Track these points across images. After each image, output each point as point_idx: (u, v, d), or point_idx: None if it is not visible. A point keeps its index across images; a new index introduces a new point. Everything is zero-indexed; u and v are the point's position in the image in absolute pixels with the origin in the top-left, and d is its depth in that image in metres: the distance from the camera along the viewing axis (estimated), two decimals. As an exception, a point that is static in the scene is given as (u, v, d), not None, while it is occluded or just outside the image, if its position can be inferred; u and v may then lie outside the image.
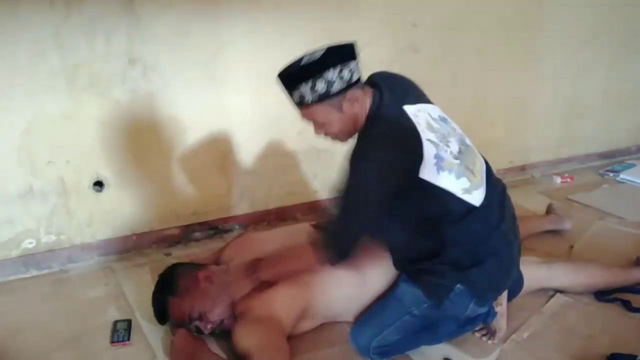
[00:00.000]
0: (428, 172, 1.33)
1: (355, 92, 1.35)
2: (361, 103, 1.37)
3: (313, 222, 1.83)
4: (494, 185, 1.50)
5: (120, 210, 2.10)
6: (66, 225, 2.03)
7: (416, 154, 1.33)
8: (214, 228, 2.31)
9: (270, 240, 1.77)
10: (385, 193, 1.34)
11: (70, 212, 2.02)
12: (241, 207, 2.35)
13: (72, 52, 1.84)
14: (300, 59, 1.34)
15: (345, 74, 1.32)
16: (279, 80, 1.37)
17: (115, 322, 1.68)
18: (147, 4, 1.89)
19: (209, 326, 1.53)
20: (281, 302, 1.53)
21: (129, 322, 1.68)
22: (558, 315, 1.72)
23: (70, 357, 1.56)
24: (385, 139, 1.34)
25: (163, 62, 1.99)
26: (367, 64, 2.35)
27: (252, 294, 1.57)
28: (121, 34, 1.89)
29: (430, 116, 1.43)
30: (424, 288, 1.45)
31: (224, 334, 1.56)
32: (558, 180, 2.98)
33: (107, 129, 1.98)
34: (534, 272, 1.75)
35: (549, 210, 2.34)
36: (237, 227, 2.35)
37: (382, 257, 1.62)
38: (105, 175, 2.04)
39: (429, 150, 1.34)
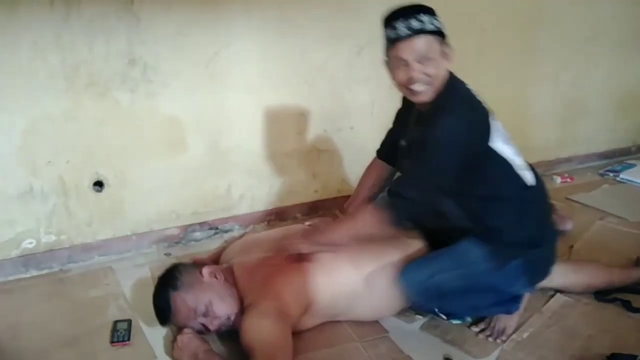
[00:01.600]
0: (496, 142, 1.45)
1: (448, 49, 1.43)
2: (448, 65, 1.44)
3: (308, 222, 1.83)
4: (536, 174, 1.59)
5: (120, 210, 2.10)
6: (66, 225, 2.03)
7: (488, 123, 1.46)
8: (214, 228, 2.31)
9: (270, 240, 1.76)
10: (465, 148, 1.41)
11: (70, 212, 2.02)
12: (241, 207, 2.35)
13: (72, 52, 1.84)
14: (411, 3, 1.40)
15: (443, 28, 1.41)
16: (393, 14, 1.42)
17: (115, 322, 1.68)
18: (147, 4, 1.89)
19: (216, 322, 1.51)
20: (289, 294, 1.51)
21: (129, 322, 1.68)
22: (558, 315, 1.72)
23: (70, 357, 1.55)
24: (466, 102, 1.46)
25: (163, 62, 1.99)
26: (367, 64, 2.38)
27: (259, 287, 1.54)
28: (121, 34, 1.89)
29: None
30: (490, 249, 1.49)
31: (228, 334, 1.55)
32: (558, 180, 2.98)
33: (107, 129, 1.98)
34: None
35: (549, 210, 2.34)
36: (237, 227, 2.35)
37: (383, 255, 1.62)
38: (105, 175, 2.04)
39: (495, 123, 1.47)
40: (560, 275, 1.78)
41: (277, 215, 2.43)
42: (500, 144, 1.47)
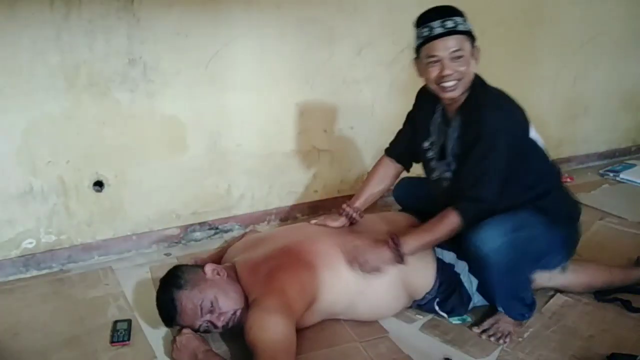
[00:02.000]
0: (533, 133, 1.58)
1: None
2: (475, 66, 1.53)
3: (314, 221, 1.83)
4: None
5: (120, 210, 2.10)
6: (66, 225, 2.03)
7: (525, 114, 1.57)
8: (214, 228, 2.31)
9: (273, 239, 1.75)
10: (513, 139, 1.50)
11: (70, 212, 2.02)
12: (241, 207, 2.35)
13: (72, 52, 1.84)
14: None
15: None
16: (428, 13, 1.51)
17: (115, 322, 1.68)
18: (147, 4, 1.89)
19: (222, 318, 1.49)
20: (294, 289, 1.50)
21: (129, 322, 1.68)
22: (558, 315, 1.72)
23: (70, 357, 1.55)
24: (505, 97, 1.55)
25: (163, 62, 1.99)
26: (367, 64, 2.38)
27: (264, 282, 1.52)
28: (121, 34, 1.89)
29: None
30: (546, 219, 1.56)
31: (230, 333, 1.54)
32: (558, 180, 2.98)
33: (107, 129, 1.98)
34: None
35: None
36: (237, 227, 2.35)
37: (382, 253, 1.62)
38: (105, 175, 2.04)
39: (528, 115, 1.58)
40: (559, 274, 1.79)
41: (277, 215, 2.43)
42: (534, 133, 1.59)
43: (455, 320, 1.70)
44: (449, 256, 1.67)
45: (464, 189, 1.53)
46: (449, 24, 1.47)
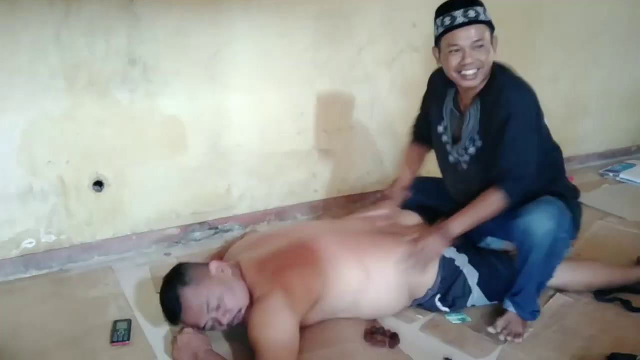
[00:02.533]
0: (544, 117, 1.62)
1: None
2: (494, 53, 1.56)
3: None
4: None
5: (120, 210, 2.10)
6: (66, 225, 2.03)
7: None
8: (214, 228, 2.31)
9: (277, 238, 1.74)
10: (539, 118, 1.56)
11: (70, 212, 2.02)
12: (241, 207, 2.35)
13: (72, 52, 1.84)
14: None
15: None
16: (451, 3, 1.53)
17: (115, 322, 1.67)
18: (147, 4, 1.89)
19: (228, 315, 1.48)
20: (299, 287, 1.50)
21: (129, 322, 1.67)
22: (558, 315, 1.72)
23: (70, 357, 1.55)
24: (521, 79, 1.59)
25: (163, 62, 1.99)
26: (367, 64, 2.38)
27: (269, 279, 1.52)
28: (121, 34, 1.89)
29: None
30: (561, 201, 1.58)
31: (233, 332, 1.54)
32: (558, 180, 2.98)
33: (107, 129, 1.98)
34: None
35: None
36: (237, 227, 2.35)
37: (386, 251, 1.63)
38: (105, 175, 2.03)
39: None
40: (562, 274, 1.78)
41: (277, 215, 2.43)
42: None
43: (455, 321, 1.70)
44: (449, 251, 1.68)
45: (506, 169, 1.54)
46: (472, 13, 1.50)
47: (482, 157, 1.61)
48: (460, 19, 1.50)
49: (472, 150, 1.62)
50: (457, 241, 1.63)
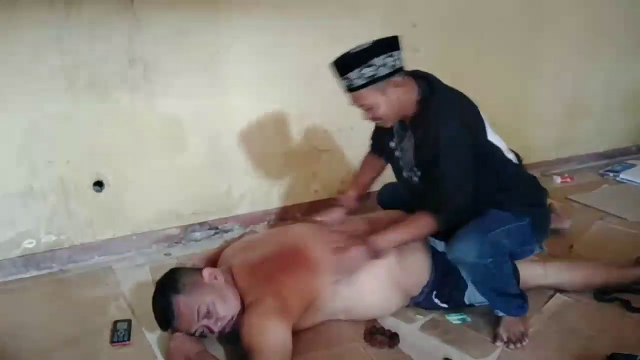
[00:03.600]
0: (490, 134, 1.59)
1: (398, 78, 1.50)
2: (407, 88, 1.53)
3: (314, 219, 1.84)
4: (517, 154, 1.73)
5: (120, 210, 2.10)
6: (66, 225, 2.03)
7: (481, 117, 1.59)
8: (214, 228, 2.31)
9: (268, 241, 1.74)
10: (472, 147, 1.51)
11: (70, 212, 2.02)
12: (241, 207, 2.35)
13: (72, 52, 1.84)
14: (351, 50, 1.50)
15: (390, 61, 1.46)
16: (333, 67, 1.52)
17: (115, 322, 1.68)
18: (147, 5, 1.90)
19: (219, 323, 1.49)
20: (291, 292, 1.50)
21: (129, 322, 1.68)
22: (558, 315, 1.72)
23: (70, 357, 1.56)
24: (453, 103, 1.56)
25: (163, 62, 1.99)
26: (367, 64, 2.37)
27: (261, 284, 1.52)
28: (121, 34, 1.89)
29: None
30: (511, 213, 1.60)
31: (227, 335, 1.54)
32: (558, 180, 2.98)
33: (107, 129, 1.98)
34: (529, 269, 1.76)
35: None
36: (237, 227, 2.35)
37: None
38: (105, 175, 2.04)
39: (483, 115, 1.60)
40: (559, 273, 1.79)
41: (277, 215, 2.43)
42: (492, 135, 1.60)
43: (455, 320, 1.70)
44: (441, 245, 1.68)
45: (437, 200, 1.54)
46: (345, 83, 1.50)
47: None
48: (342, 84, 1.52)
49: (418, 174, 1.63)
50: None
